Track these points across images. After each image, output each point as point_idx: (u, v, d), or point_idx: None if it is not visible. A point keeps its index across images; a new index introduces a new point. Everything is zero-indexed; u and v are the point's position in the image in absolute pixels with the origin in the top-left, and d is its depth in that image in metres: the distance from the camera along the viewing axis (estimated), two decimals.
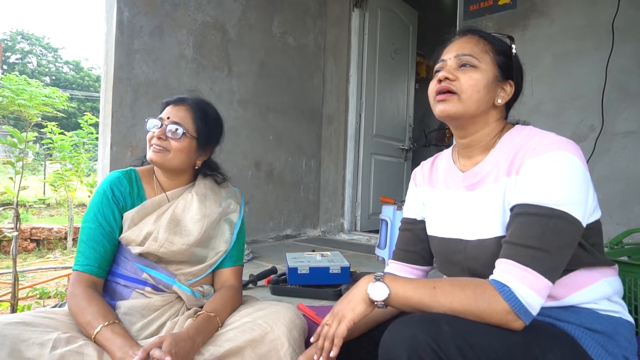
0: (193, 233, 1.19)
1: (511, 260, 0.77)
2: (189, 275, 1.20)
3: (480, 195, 0.92)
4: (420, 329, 0.73)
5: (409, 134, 4.42)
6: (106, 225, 1.13)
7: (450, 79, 0.90)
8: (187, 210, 1.21)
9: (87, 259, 1.09)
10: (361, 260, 2.82)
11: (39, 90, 5.58)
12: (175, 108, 1.20)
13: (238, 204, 1.32)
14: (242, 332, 1.03)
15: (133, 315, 1.10)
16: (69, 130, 5.87)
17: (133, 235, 1.15)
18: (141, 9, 2.70)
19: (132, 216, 1.16)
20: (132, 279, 1.15)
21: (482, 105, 0.90)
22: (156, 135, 1.16)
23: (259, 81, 3.47)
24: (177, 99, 1.23)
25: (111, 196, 1.16)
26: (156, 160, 1.17)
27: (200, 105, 1.23)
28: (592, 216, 0.84)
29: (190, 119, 1.20)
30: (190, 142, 1.19)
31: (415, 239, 1.08)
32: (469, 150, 0.97)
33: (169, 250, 1.16)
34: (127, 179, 1.20)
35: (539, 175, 0.80)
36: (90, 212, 1.14)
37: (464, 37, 0.95)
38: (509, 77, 0.93)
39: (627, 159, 2.45)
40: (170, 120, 1.17)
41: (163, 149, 1.16)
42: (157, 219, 1.18)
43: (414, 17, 4.39)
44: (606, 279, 0.86)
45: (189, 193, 1.24)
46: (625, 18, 2.43)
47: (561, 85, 2.66)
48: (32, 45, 30.07)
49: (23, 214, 6.27)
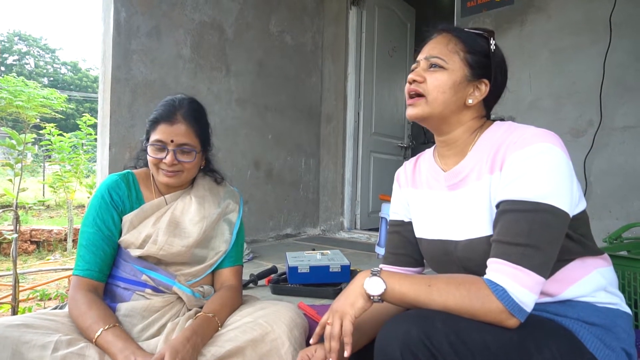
0: (192, 235, 1.19)
1: (502, 260, 0.77)
2: (188, 276, 1.20)
3: (464, 194, 0.91)
4: (414, 325, 0.73)
5: (408, 132, 4.43)
6: (105, 229, 1.13)
7: (418, 80, 0.91)
8: (185, 212, 1.20)
9: (87, 263, 1.09)
10: (361, 258, 2.82)
11: (37, 92, 5.56)
12: (173, 127, 1.13)
13: (237, 204, 1.32)
14: (243, 332, 1.03)
15: (134, 317, 1.10)
16: (67, 131, 5.86)
17: (132, 238, 1.15)
18: (138, 9, 2.70)
19: (131, 219, 1.16)
20: (132, 282, 1.14)
21: (450, 105, 0.90)
22: (167, 163, 1.13)
23: (257, 80, 3.46)
24: (170, 115, 1.15)
25: (109, 200, 1.15)
26: (173, 184, 1.18)
27: (192, 114, 1.18)
28: (578, 206, 0.84)
29: (193, 133, 1.16)
30: (199, 156, 1.20)
31: (405, 242, 1.08)
32: (448, 149, 0.96)
33: (168, 252, 1.16)
34: (125, 183, 1.19)
35: (522, 169, 0.79)
36: (89, 216, 1.14)
37: (438, 36, 0.95)
38: (484, 75, 0.92)
39: (626, 154, 2.45)
40: (175, 144, 1.13)
41: (177, 172, 1.15)
42: (156, 221, 1.18)
43: (411, 15, 4.39)
44: (599, 270, 0.86)
45: (187, 195, 1.24)
46: (622, 13, 2.44)
47: (559, 81, 2.66)
48: (30, 47, 30.00)
49: (23, 216, 6.27)
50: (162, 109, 1.16)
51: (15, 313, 1.95)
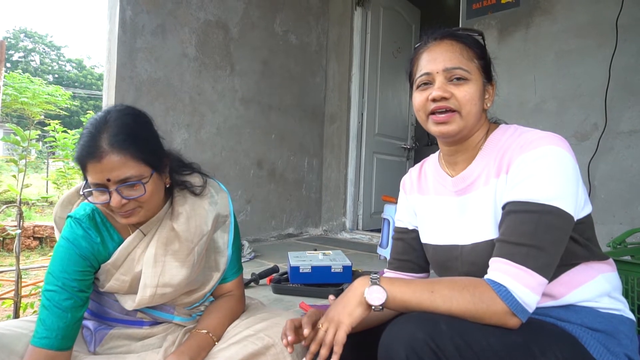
0: (183, 272, 1.03)
1: (505, 259, 0.77)
2: (188, 304, 1.12)
3: (471, 199, 0.91)
4: (419, 328, 0.73)
5: (411, 133, 4.42)
6: (74, 284, 0.95)
7: (447, 97, 0.87)
8: (170, 243, 1.02)
9: (47, 330, 0.91)
10: (363, 259, 2.82)
11: (42, 89, 5.59)
12: (103, 162, 0.88)
13: (226, 206, 1.13)
14: (243, 347, 1.00)
15: (133, 340, 1.06)
16: (71, 128, 5.88)
17: (116, 286, 1.02)
18: (144, 8, 2.71)
19: (108, 269, 1.01)
20: (127, 321, 1.07)
21: (478, 115, 0.90)
22: (116, 207, 0.92)
23: (261, 80, 3.47)
24: (93, 150, 0.89)
25: (78, 250, 0.97)
26: (136, 222, 0.98)
27: (123, 136, 0.90)
28: (584, 210, 0.84)
29: (132, 161, 0.90)
30: (154, 179, 0.96)
31: (409, 248, 1.07)
32: (456, 156, 0.96)
33: (161, 298, 1.03)
34: (95, 229, 1.00)
35: (529, 171, 0.79)
36: (53, 271, 0.95)
37: (443, 43, 0.91)
38: (490, 77, 0.93)
39: (631, 158, 2.44)
40: (114, 182, 0.90)
41: (133, 209, 0.94)
42: (138, 260, 1.01)
43: (416, 16, 4.38)
44: (603, 275, 0.85)
45: (167, 224, 1.03)
46: (629, 16, 2.42)
47: (564, 84, 2.65)
48: (35, 44, 30.17)
49: (26, 212, 6.30)
50: (83, 142, 0.91)
51: (18, 309, 1.96)
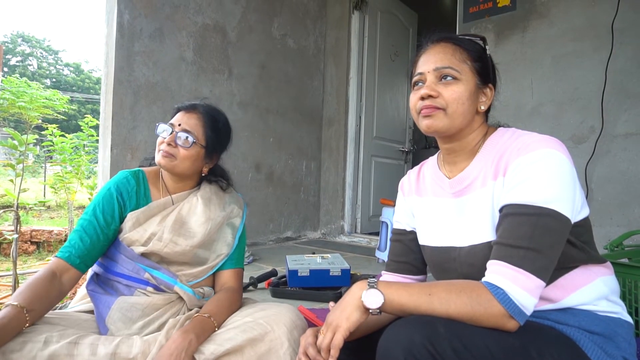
0: (197, 235, 1.21)
1: (503, 262, 0.77)
2: (189, 277, 1.22)
3: (469, 200, 0.92)
4: (416, 331, 0.73)
5: (409, 136, 4.43)
6: (102, 219, 1.14)
7: (433, 95, 0.88)
8: (192, 213, 1.23)
9: (71, 247, 1.09)
10: (361, 262, 2.81)
11: (40, 93, 5.57)
12: (187, 115, 1.22)
13: (241, 209, 1.35)
14: (242, 331, 1.04)
15: (135, 312, 1.11)
16: (69, 132, 5.86)
17: (137, 235, 1.16)
18: (141, 12, 2.71)
19: (138, 216, 1.18)
20: (134, 279, 1.16)
21: (468, 115, 0.90)
22: (166, 142, 1.17)
23: (259, 83, 3.47)
24: (189, 106, 1.25)
25: (116, 194, 1.17)
26: (164, 165, 1.19)
27: (211, 114, 1.25)
28: (581, 213, 0.84)
29: (201, 127, 1.22)
30: (199, 151, 1.22)
31: (407, 250, 1.08)
32: (454, 157, 0.97)
33: (172, 250, 1.18)
34: (135, 179, 1.22)
35: (526, 174, 0.80)
36: (91, 205, 1.17)
37: (438, 45, 0.92)
38: (488, 81, 0.93)
39: (627, 161, 2.45)
40: (181, 128, 1.19)
41: (171, 155, 1.18)
42: (162, 220, 1.20)
43: (413, 20, 4.40)
44: (602, 278, 0.86)
45: (194, 196, 1.27)
46: (624, 19, 2.44)
47: (561, 87, 2.66)
48: (33, 48, 30.13)
49: (23, 216, 6.27)
50: (188, 102, 1.26)
51: None
